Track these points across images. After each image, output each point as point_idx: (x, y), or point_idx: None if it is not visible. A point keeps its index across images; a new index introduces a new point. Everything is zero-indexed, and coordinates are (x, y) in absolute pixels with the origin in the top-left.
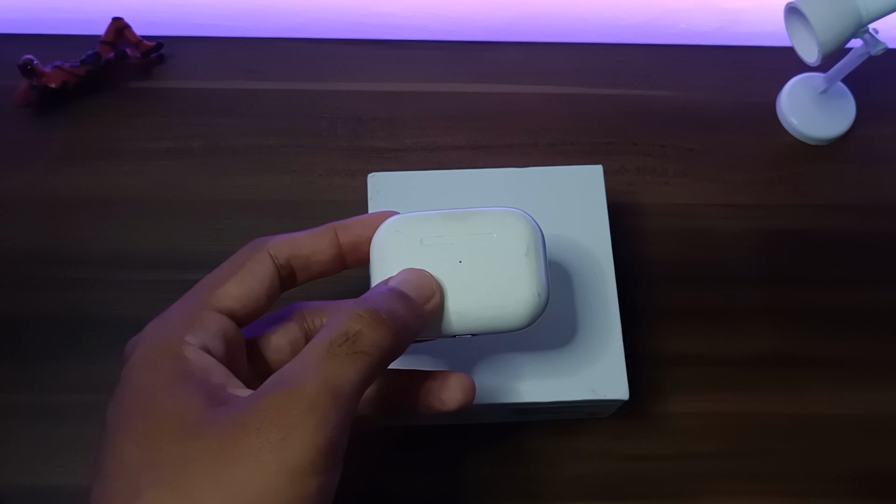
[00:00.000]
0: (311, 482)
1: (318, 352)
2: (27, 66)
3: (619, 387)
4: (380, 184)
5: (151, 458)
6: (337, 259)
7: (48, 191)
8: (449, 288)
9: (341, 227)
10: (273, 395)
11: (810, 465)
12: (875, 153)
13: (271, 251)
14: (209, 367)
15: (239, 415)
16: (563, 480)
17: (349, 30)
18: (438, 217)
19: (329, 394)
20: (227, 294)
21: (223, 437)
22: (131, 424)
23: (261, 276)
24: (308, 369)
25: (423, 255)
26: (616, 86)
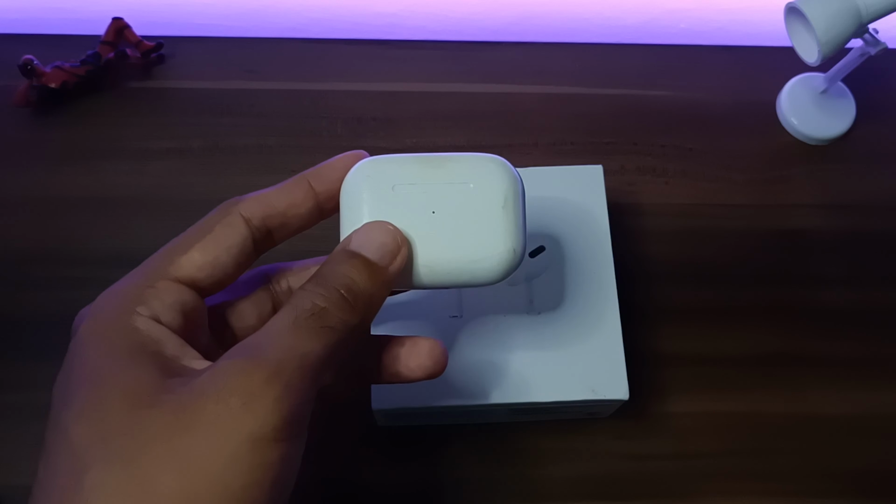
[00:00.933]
0: (272, 450)
1: (283, 323)
2: (27, 66)
3: (619, 387)
4: None
5: (99, 432)
6: (314, 210)
7: (48, 191)
8: (420, 240)
9: (314, 175)
10: (234, 361)
11: (810, 464)
12: (875, 153)
13: (244, 213)
14: (162, 339)
15: (196, 383)
16: (564, 480)
17: (349, 30)
18: (412, 161)
19: (294, 363)
20: (189, 262)
21: (178, 406)
22: (76, 399)
23: (229, 243)
24: (273, 339)
25: (394, 204)
26: (616, 86)
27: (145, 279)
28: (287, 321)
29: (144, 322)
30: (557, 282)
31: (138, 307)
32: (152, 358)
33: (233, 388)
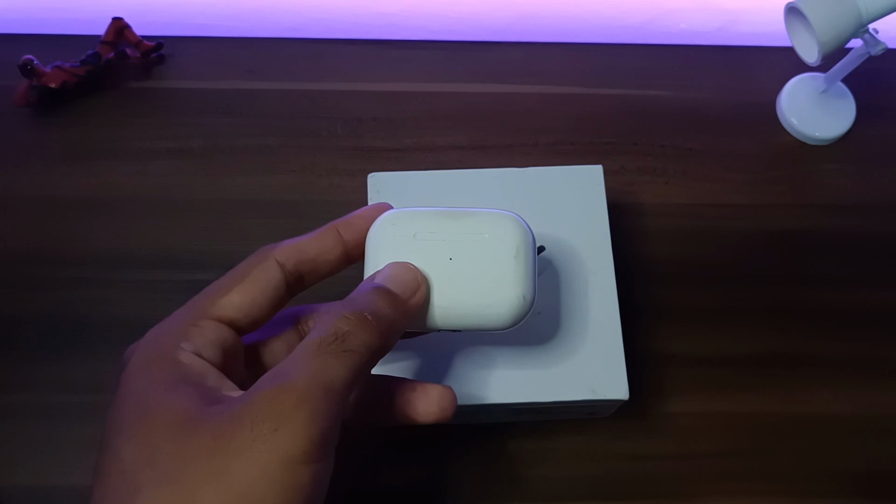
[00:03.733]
0: (303, 471)
1: (308, 350)
2: (27, 66)
3: (619, 387)
4: (380, 184)
5: (149, 456)
6: (343, 257)
7: (48, 191)
8: (437, 283)
9: (343, 225)
10: (265, 390)
11: (810, 464)
12: (875, 153)
13: (278, 258)
14: (204, 371)
15: (233, 410)
16: (564, 480)
17: (349, 30)
18: (433, 214)
19: (319, 387)
20: (228, 303)
21: (218, 432)
22: (128, 425)
23: (264, 286)
24: (299, 365)
25: (415, 250)
26: (616, 86)
27: (189, 318)
28: (312, 347)
29: (188, 356)
30: (557, 282)
31: (182, 343)
32: (195, 388)
33: (265, 414)
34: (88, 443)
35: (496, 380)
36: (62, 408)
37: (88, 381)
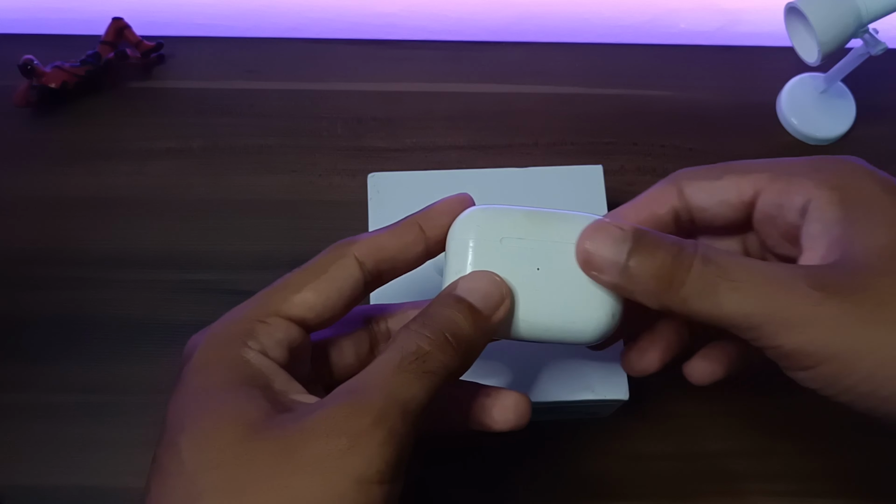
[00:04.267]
0: (375, 491)
1: (388, 367)
2: (27, 66)
3: (619, 387)
4: (380, 184)
5: (213, 459)
6: (423, 253)
7: (48, 191)
8: (523, 294)
9: (423, 219)
10: (342, 404)
11: (811, 464)
12: (875, 153)
13: (358, 255)
14: (271, 373)
15: (305, 420)
16: (563, 480)
17: (349, 30)
18: (521, 216)
19: (397, 408)
20: (302, 301)
21: (287, 442)
22: (192, 424)
23: (342, 284)
24: (377, 382)
25: (501, 257)
26: (616, 86)
27: (258, 314)
28: (392, 364)
29: (255, 356)
30: None
31: (249, 341)
32: (262, 391)
33: (341, 430)
34: (89, 443)
35: (496, 381)
36: (62, 408)
37: (88, 381)
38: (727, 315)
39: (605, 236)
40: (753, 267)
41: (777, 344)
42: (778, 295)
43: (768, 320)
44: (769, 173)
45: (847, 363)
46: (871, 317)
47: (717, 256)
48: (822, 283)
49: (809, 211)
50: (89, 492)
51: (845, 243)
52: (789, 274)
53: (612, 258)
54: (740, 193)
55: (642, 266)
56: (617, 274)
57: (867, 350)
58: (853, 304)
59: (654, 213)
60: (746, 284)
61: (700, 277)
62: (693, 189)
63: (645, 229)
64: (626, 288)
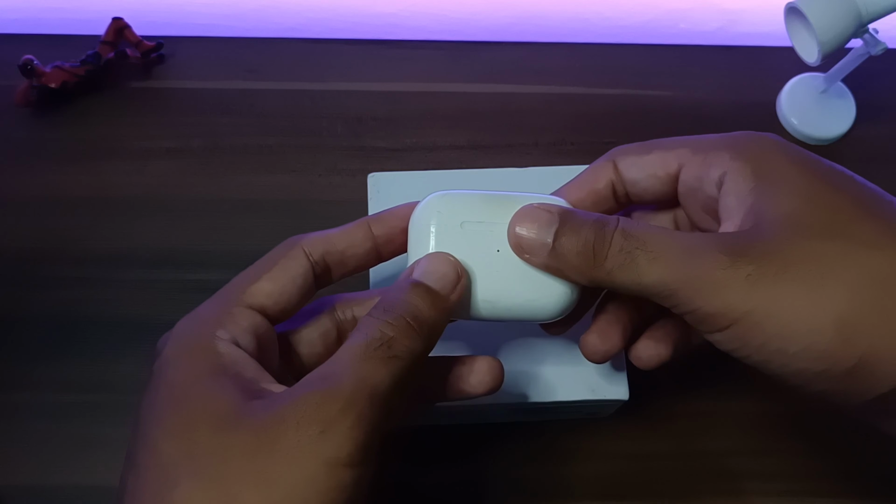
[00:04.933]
0: (347, 474)
1: (354, 353)
2: (27, 66)
3: (619, 387)
4: (380, 183)
5: (188, 450)
6: (372, 252)
7: (48, 191)
8: (483, 276)
9: (375, 221)
10: (312, 392)
11: (811, 464)
12: (875, 153)
13: (306, 248)
14: (241, 362)
15: (277, 409)
16: (564, 480)
17: (349, 30)
18: (480, 199)
19: (366, 393)
20: (259, 290)
21: (261, 430)
22: (166, 417)
23: (294, 274)
24: (345, 369)
25: (462, 240)
26: (616, 86)
27: (222, 305)
28: (358, 351)
29: (225, 345)
30: None
31: (218, 331)
32: (234, 380)
33: (312, 418)
34: (88, 443)
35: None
36: (62, 408)
37: (88, 381)
38: (647, 284)
39: (534, 220)
40: (669, 238)
41: (693, 308)
42: (691, 262)
43: (683, 286)
44: (690, 148)
45: (756, 322)
46: (777, 277)
47: (635, 230)
48: (731, 248)
49: (725, 183)
50: (89, 492)
51: (757, 212)
52: (701, 242)
53: (541, 240)
54: (666, 167)
55: (568, 244)
56: (546, 255)
57: (774, 308)
58: (760, 266)
59: (593, 188)
60: (662, 254)
61: (621, 251)
62: (625, 164)
63: (571, 209)
64: (556, 267)
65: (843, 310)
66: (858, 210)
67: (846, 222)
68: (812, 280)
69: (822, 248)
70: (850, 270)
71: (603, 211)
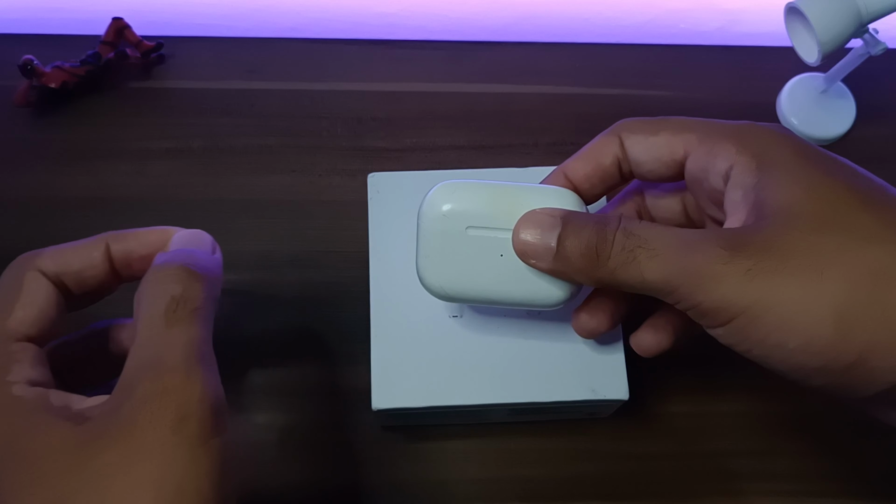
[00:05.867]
0: (216, 442)
1: (158, 326)
2: (27, 66)
3: (619, 387)
4: (380, 183)
5: (55, 497)
6: (110, 275)
7: (48, 191)
8: (487, 278)
9: (114, 238)
10: (146, 384)
11: (811, 464)
12: (875, 153)
13: (40, 267)
14: (45, 396)
15: (123, 416)
16: (564, 480)
17: (349, 30)
18: (486, 197)
19: (193, 358)
20: (20, 322)
21: (120, 443)
22: (11, 478)
23: (44, 296)
24: (160, 346)
25: (467, 244)
26: (616, 86)
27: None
28: (160, 322)
29: (20, 388)
30: None
31: (7, 377)
32: (50, 417)
33: (161, 407)
34: None
35: (496, 380)
36: None
37: None
38: (649, 281)
39: (537, 225)
40: (669, 234)
41: (695, 303)
42: (691, 257)
43: (685, 281)
44: (698, 134)
45: (756, 315)
46: (776, 271)
47: (636, 228)
48: (731, 243)
49: (731, 177)
50: None
51: (760, 206)
52: (702, 237)
53: (545, 244)
54: (672, 152)
55: (572, 247)
56: (551, 259)
57: (774, 301)
58: (759, 260)
59: (599, 164)
60: (663, 251)
61: (623, 249)
62: (631, 142)
63: (572, 212)
64: (561, 270)
65: (841, 304)
66: (859, 202)
67: (846, 214)
68: (811, 274)
69: (820, 242)
70: (848, 264)
71: (609, 187)
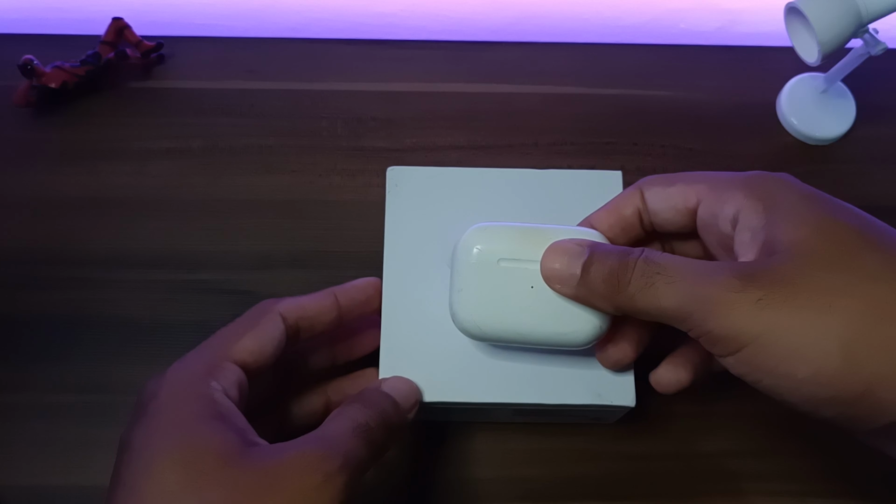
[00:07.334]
0: None
1: (345, 429)
2: (27, 66)
3: (626, 393)
4: (399, 178)
5: (195, 481)
6: (336, 320)
7: (48, 191)
8: (517, 310)
9: (340, 292)
10: (314, 448)
11: (811, 464)
12: (875, 153)
13: (282, 312)
14: (234, 411)
15: (280, 456)
16: (564, 480)
17: (349, 30)
18: (517, 238)
19: (354, 460)
20: (243, 348)
21: (265, 472)
22: (170, 449)
23: (272, 335)
24: (341, 437)
25: (499, 276)
26: (616, 86)
27: (212, 358)
28: (348, 428)
29: (220, 395)
30: None
31: (212, 381)
32: (230, 426)
33: (315, 468)
34: (89, 443)
35: (501, 380)
36: (62, 408)
37: (88, 381)
38: (665, 308)
39: (564, 252)
40: (686, 264)
41: (707, 330)
42: (705, 285)
43: (698, 308)
44: (708, 184)
45: (766, 345)
46: (786, 302)
47: (656, 258)
48: (744, 273)
49: (740, 220)
50: (89, 492)
51: (769, 245)
52: (716, 268)
53: (570, 271)
54: (686, 200)
55: (595, 272)
56: (575, 284)
57: (783, 332)
58: (770, 291)
59: (621, 215)
60: (679, 278)
61: (642, 276)
62: (650, 193)
63: (598, 243)
64: (584, 296)
65: (849, 336)
66: (863, 243)
67: (853, 254)
68: (819, 307)
69: (829, 278)
70: (855, 300)
71: (630, 238)
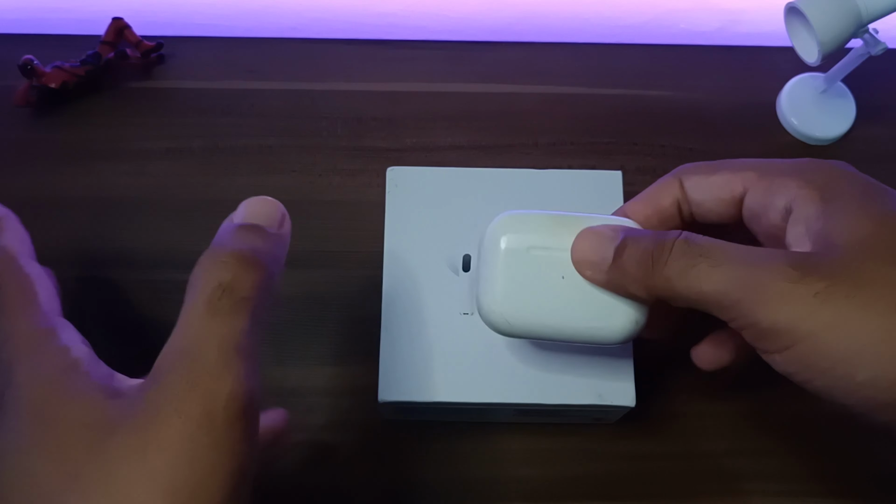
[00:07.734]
0: (242, 447)
1: (199, 314)
2: (27, 66)
3: (626, 393)
4: (399, 178)
5: (69, 469)
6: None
7: (48, 191)
8: (548, 301)
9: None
10: (178, 373)
11: (811, 464)
12: (875, 153)
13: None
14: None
15: (150, 402)
16: (565, 480)
17: (349, 30)
18: (547, 226)
19: (231, 351)
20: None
21: (140, 429)
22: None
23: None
24: (199, 335)
25: (529, 266)
26: (616, 86)
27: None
28: (201, 310)
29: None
30: None
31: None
32: (86, 379)
33: (190, 401)
34: None
35: (503, 379)
36: None
37: None
38: (706, 293)
39: (596, 237)
40: (733, 248)
41: (754, 321)
42: (756, 271)
43: (746, 296)
44: (757, 172)
45: (823, 343)
46: (849, 298)
47: (698, 239)
48: (802, 263)
49: (793, 211)
50: None
51: (826, 236)
52: (769, 254)
53: (603, 255)
54: (731, 190)
55: (628, 255)
56: (606, 269)
57: (844, 330)
58: (832, 284)
59: (659, 205)
60: (726, 262)
61: (682, 256)
62: (691, 183)
63: (632, 226)
64: (616, 281)
65: None
66: None
67: None
68: (886, 304)
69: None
70: None
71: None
